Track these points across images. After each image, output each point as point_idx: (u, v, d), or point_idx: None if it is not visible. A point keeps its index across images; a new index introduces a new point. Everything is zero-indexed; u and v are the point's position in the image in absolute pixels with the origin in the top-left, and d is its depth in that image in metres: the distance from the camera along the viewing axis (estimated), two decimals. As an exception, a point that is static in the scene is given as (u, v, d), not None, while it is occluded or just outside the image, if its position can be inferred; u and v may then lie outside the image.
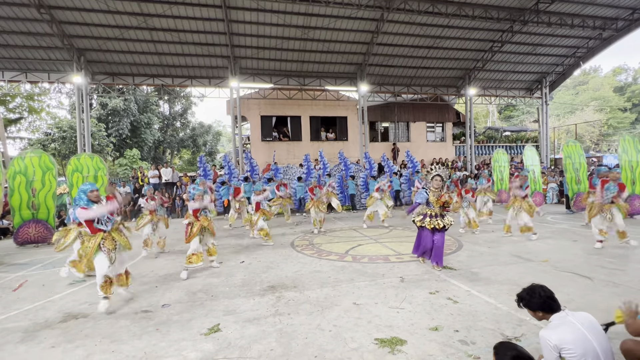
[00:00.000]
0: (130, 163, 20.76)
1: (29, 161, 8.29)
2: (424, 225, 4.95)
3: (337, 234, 8.23)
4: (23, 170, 8.24)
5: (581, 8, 13.73)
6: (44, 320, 3.58)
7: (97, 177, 8.81)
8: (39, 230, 8.28)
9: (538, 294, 2.17)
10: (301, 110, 17.11)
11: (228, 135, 37.12)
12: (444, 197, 4.90)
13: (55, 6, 11.25)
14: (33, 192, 8.30)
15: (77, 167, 8.60)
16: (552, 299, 2.15)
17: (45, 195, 8.40)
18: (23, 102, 22.78)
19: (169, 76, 14.87)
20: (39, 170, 8.33)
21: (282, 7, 12.05)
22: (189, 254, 5.06)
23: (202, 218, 5.30)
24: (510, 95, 19.21)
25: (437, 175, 5.01)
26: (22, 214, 8.21)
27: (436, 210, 4.95)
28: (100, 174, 8.88)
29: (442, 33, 14.39)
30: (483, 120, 37.90)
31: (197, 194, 5.33)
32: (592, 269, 4.68)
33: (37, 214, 8.32)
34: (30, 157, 8.35)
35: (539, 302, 2.15)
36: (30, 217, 8.26)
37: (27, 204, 8.24)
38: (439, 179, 4.99)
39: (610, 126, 34.98)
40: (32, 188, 8.32)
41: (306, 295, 4.03)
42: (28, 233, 8.18)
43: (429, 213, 4.97)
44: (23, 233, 8.15)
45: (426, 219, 4.95)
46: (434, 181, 5.00)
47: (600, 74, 44.71)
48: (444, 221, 4.92)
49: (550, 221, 9.26)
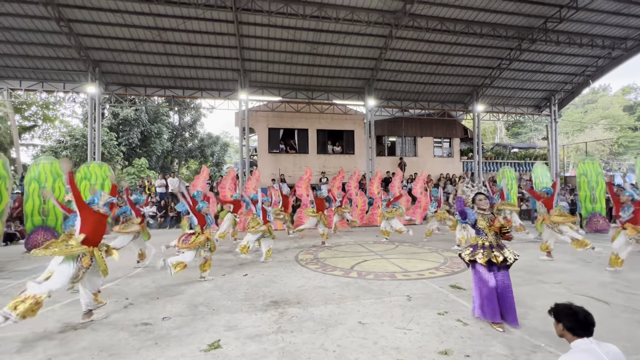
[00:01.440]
0: (138, 172, 21.00)
1: (42, 167, 8.44)
2: (476, 260, 3.57)
3: (342, 248, 8.10)
4: (37, 177, 8.38)
5: (590, 27, 13.77)
6: (43, 329, 3.52)
7: (104, 185, 8.92)
8: (47, 237, 8.32)
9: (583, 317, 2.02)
10: (308, 123, 17.24)
11: (235, 146, 37.51)
12: (498, 220, 3.59)
13: (75, 20, 11.67)
14: (44, 199, 8.40)
15: (86, 175, 8.74)
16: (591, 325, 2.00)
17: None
18: (38, 110, 23.42)
19: (180, 88, 15.18)
20: (50, 176, 8.45)
21: (292, 23, 12.32)
22: (180, 261, 4.92)
23: (206, 231, 5.40)
24: (518, 112, 19.13)
25: (479, 194, 3.77)
26: (33, 220, 8.32)
27: (490, 239, 3.62)
28: (107, 182, 9.02)
29: (450, 50, 14.52)
30: (491, 136, 37.74)
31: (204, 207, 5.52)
32: (608, 293, 4.48)
33: (47, 220, 8.39)
34: (43, 164, 8.50)
35: (577, 324, 2.01)
36: (40, 224, 8.36)
37: (38, 209, 8.35)
38: (483, 197, 3.74)
39: (621, 145, 34.51)
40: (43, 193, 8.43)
41: (310, 312, 3.91)
42: (37, 240, 8.25)
43: (480, 243, 3.65)
44: (33, 240, 8.24)
45: (478, 252, 3.59)
46: (478, 202, 3.75)
47: (609, 92, 44.50)
48: (504, 253, 3.54)
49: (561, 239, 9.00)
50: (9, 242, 9.68)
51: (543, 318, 3.62)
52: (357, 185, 13.08)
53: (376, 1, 11.68)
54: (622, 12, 12.91)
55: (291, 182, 15.58)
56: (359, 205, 13.00)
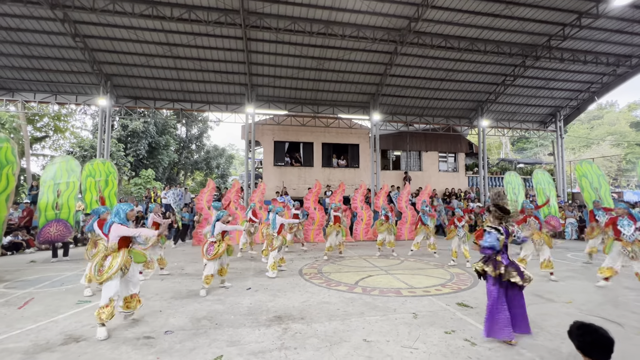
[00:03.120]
0: (145, 183, 21.21)
1: (58, 166, 8.65)
2: (487, 272, 3.51)
3: (346, 263, 8.01)
4: (52, 175, 8.56)
5: (594, 45, 13.89)
6: (45, 341, 3.50)
7: (107, 181, 9.09)
8: (59, 228, 8.42)
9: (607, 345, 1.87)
10: (314, 137, 17.39)
11: (240, 158, 37.79)
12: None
13: (90, 35, 12.10)
14: (58, 194, 8.56)
15: (91, 172, 8.91)
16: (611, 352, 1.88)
17: (68, 195, 8.63)
18: (50, 121, 23.97)
19: (189, 101, 15.49)
20: (65, 173, 8.62)
21: (299, 39, 12.62)
22: (208, 274, 5.27)
23: (226, 238, 5.61)
24: (523, 127, 19.13)
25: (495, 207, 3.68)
26: (47, 215, 8.39)
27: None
28: (110, 178, 9.15)
29: (455, 66, 14.70)
30: (496, 151, 37.63)
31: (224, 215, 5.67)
32: (620, 314, 4.35)
33: (60, 214, 8.51)
34: (60, 162, 8.74)
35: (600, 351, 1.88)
36: (53, 218, 8.44)
37: (52, 205, 8.47)
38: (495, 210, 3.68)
39: (629, 161, 34.15)
40: (58, 190, 8.58)
41: (314, 328, 3.85)
42: (49, 232, 8.32)
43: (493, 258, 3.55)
44: (45, 232, 8.30)
45: (489, 264, 3.53)
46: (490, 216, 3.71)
47: (616, 108, 44.41)
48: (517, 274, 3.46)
49: (570, 258, 8.83)
50: (15, 252, 9.75)
51: (552, 339, 3.52)
52: (362, 199, 13.02)
53: (382, 19, 11.96)
54: (625, 30, 13.04)
55: (295, 194, 15.59)
56: (364, 219, 12.91)
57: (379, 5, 11.36)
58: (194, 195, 15.27)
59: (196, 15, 11.01)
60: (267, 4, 11.08)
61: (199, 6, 11.04)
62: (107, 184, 9.04)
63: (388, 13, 11.73)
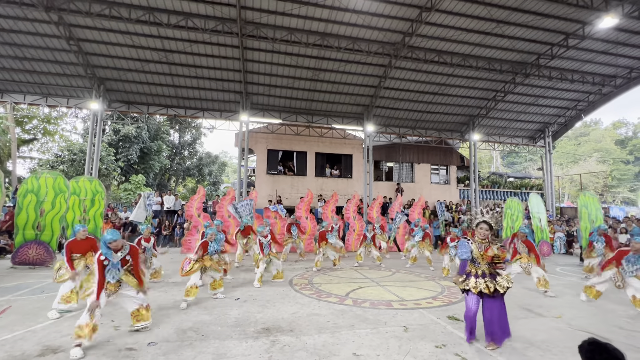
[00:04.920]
0: (135, 188, 20.86)
1: (44, 181, 8.12)
2: (469, 289, 3.72)
3: (337, 274, 7.93)
4: (35, 190, 8.06)
5: (580, 65, 14.39)
6: (21, 352, 3.34)
7: (94, 201, 8.58)
8: (39, 252, 8.00)
9: None
10: (307, 146, 17.43)
11: (233, 166, 37.63)
12: (491, 250, 3.68)
13: (84, 39, 12.03)
14: (41, 213, 8.09)
15: (76, 190, 8.39)
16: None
17: (52, 217, 8.17)
18: (39, 124, 23.57)
19: (182, 107, 15.42)
20: (51, 191, 8.14)
21: (295, 50, 12.77)
22: (188, 286, 5.14)
23: (206, 258, 5.44)
24: (513, 142, 19.53)
25: (483, 223, 3.78)
26: (25, 234, 7.96)
27: (483, 268, 3.72)
28: (97, 198, 8.63)
29: (447, 81, 15.02)
30: (487, 165, 38.28)
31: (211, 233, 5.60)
32: (609, 330, 4.37)
33: (41, 235, 8.09)
34: (46, 178, 8.18)
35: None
36: (33, 238, 7.99)
37: (32, 224, 8.00)
38: (485, 227, 3.76)
39: (615, 178, 35.06)
40: (41, 209, 8.11)
41: (303, 341, 3.76)
42: (27, 254, 7.88)
43: (474, 272, 3.75)
44: (22, 253, 7.86)
45: (470, 280, 3.72)
46: (478, 229, 3.80)
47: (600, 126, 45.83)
48: (497, 283, 3.63)
49: (559, 272, 8.90)
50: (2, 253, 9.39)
51: (543, 354, 3.51)
52: (355, 210, 13.00)
53: (376, 33, 12.20)
54: (610, 51, 13.56)
55: (288, 203, 15.51)
56: (356, 230, 12.86)
57: (374, 19, 11.61)
58: (184, 202, 15.06)
59: (193, 23, 11.06)
60: (265, 15, 11.22)
61: (197, 14, 11.11)
62: (93, 203, 8.51)
63: (383, 27, 11.98)
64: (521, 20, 11.74)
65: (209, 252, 5.50)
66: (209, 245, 5.53)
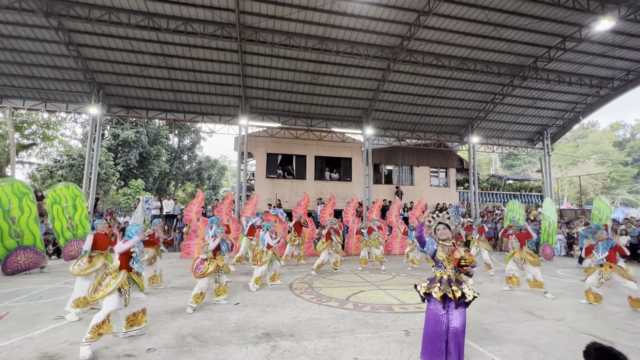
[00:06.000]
0: (134, 193, 20.80)
1: (1, 191, 7.86)
2: (431, 293, 3.22)
3: (337, 278, 7.89)
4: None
5: (578, 67, 14.46)
6: (18, 359, 3.30)
7: (76, 205, 8.37)
8: (29, 256, 7.93)
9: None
10: (307, 149, 17.44)
11: (232, 170, 37.60)
12: (457, 252, 3.25)
13: (84, 44, 12.06)
14: (13, 221, 7.92)
15: (56, 199, 8.14)
16: None
17: (26, 220, 8.05)
18: (38, 129, 23.55)
19: (182, 112, 15.43)
20: (14, 198, 7.95)
21: (294, 54, 12.82)
22: (197, 293, 5.07)
23: (218, 257, 5.42)
24: (512, 144, 19.56)
25: (440, 224, 3.45)
26: (5, 245, 7.81)
27: (449, 273, 3.27)
28: (78, 201, 8.43)
29: (446, 84, 15.07)
30: (486, 167, 38.34)
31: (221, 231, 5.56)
32: (612, 332, 4.34)
33: (22, 240, 7.99)
34: (2, 187, 7.92)
35: None
36: (15, 246, 7.85)
37: (9, 233, 7.86)
38: (442, 227, 3.43)
39: (614, 179, 35.10)
40: (11, 217, 7.93)
41: (303, 346, 3.73)
42: (17, 262, 7.77)
43: (438, 277, 3.30)
44: (11, 262, 7.71)
45: (434, 285, 3.26)
46: (438, 232, 3.45)
47: (598, 128, 46.04)
48: (463, 289, 3.16)
49: (560, 275, 8.87)
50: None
51: (545, 358, 3.48)
52: (354, 213, 12.98)
53: (375, 37, 12.26)
54: (607, 54, 13.63)
55: (288, 207, 15.48)
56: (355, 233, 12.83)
57: (373, 23, 11.67)
58: (184, 206, 15.03)
59: (192, 28, 11.11)
60: (263, 19, 11.27)
61: (196, 19, 11.15)
62: (75, 208, 8.36)
63: (381, 31, 12.04)
64: (518, 23, 11.81)
65: (221, 250, 5.51)
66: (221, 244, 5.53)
